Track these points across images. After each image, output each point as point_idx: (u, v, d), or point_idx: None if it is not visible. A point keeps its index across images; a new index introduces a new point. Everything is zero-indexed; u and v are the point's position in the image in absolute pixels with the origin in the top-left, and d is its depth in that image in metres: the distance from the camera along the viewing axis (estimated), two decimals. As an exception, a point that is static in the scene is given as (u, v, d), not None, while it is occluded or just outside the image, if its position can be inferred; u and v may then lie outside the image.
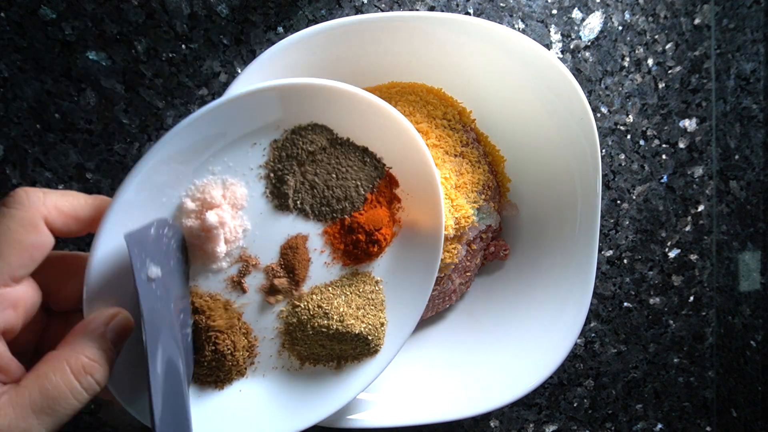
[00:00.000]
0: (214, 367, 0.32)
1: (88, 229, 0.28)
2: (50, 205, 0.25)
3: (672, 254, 0.48)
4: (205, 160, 0.31)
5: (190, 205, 0.30)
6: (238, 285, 0.33)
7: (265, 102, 0.30)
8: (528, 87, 0.38)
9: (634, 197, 0.47)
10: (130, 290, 0.27)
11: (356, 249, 0.34)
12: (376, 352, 0.35)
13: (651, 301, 0.48)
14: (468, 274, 0.42)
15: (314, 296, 0.34)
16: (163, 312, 0.27)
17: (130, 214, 0.28)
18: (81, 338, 0.25)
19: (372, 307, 0.34)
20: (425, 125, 0.39)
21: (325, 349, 0.34)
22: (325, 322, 0.33)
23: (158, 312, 0.26)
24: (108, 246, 0.27)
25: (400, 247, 0.36)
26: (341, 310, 0.33)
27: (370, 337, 0.33)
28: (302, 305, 0.33)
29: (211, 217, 0.30)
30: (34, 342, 0.29)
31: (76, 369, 0.24)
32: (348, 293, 0.34)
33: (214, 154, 0.31)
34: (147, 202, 0.29)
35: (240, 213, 0.32)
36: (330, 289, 0.34)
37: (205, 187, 0.30)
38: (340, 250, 0.34)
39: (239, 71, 0.39)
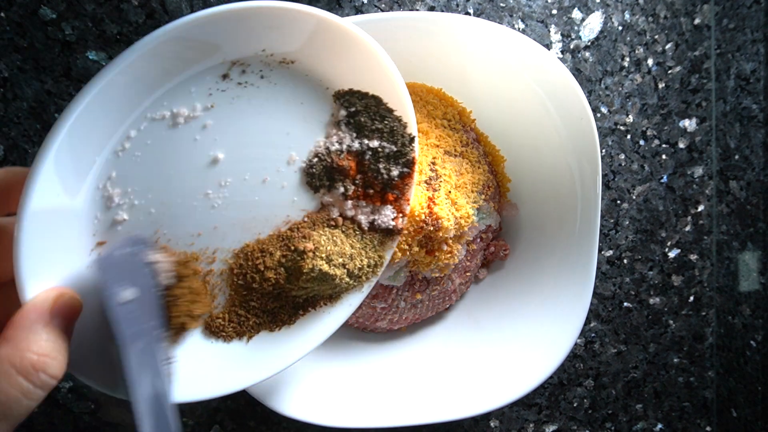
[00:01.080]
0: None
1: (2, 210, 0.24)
2: None
3: (672, 254, 0.48)
4: (145, 107, 0.28)
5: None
6: None
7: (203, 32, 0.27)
8: (528, 87, 0.38)
9: (634, 197, 0.47)
10: (73, 263, 0.26)
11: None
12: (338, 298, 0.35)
13: (651, 301, 0.48)
14: (468, 274, 0.42)
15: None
16: (145, 331, 0.26)
17: (61, 175, 0.25)
18: (23, 332, 0.22)
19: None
20: (425, 125, 0.39)
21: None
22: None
23: (139, 332, 0.26)
24: (38, 215, 0.24)
25: None
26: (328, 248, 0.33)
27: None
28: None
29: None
30: None
31: (23, 369, 0.21)
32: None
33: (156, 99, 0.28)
34: (80, 158, 0.26)
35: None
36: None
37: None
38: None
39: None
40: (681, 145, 0.47)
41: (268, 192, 0.32)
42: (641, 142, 0.47)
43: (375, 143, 0.33)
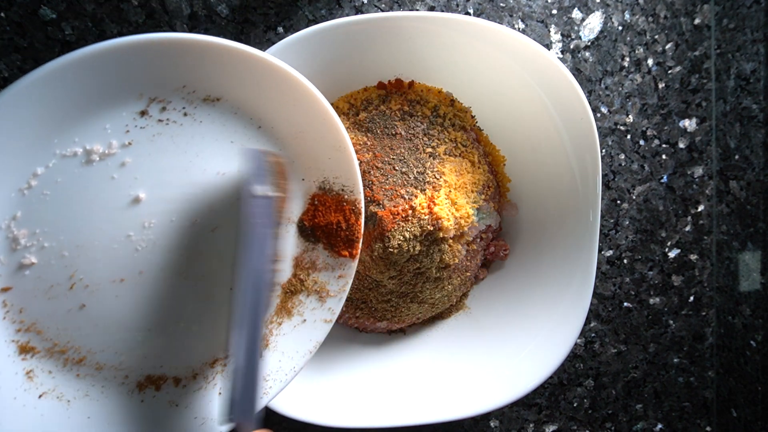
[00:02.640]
0: None
1: None
2: None
3: (672, 254, 0.48)
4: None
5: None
6: None
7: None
8: (528, 87, 0.38)
9: (634, 197, 0.47)
10: None
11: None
12: None
13: (651, 301, 0.48)
14: (468, 274, 0.42)
15: None
16: (258, 232, 0.27)
17: None
18: None
19: None
20: (425, 125, 0.39)
21: None
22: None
23: (254, 227, 0.27)
24: None
25: None
26: None
27: None
28: None
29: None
30: None
31: None
32: None
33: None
34: None
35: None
36: None
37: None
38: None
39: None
40: (681, 145, 0.47)
41: (198, 235, 0.30)
42: (641, 142, 0.47)
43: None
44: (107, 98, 0.27)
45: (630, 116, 0.46)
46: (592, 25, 0.44)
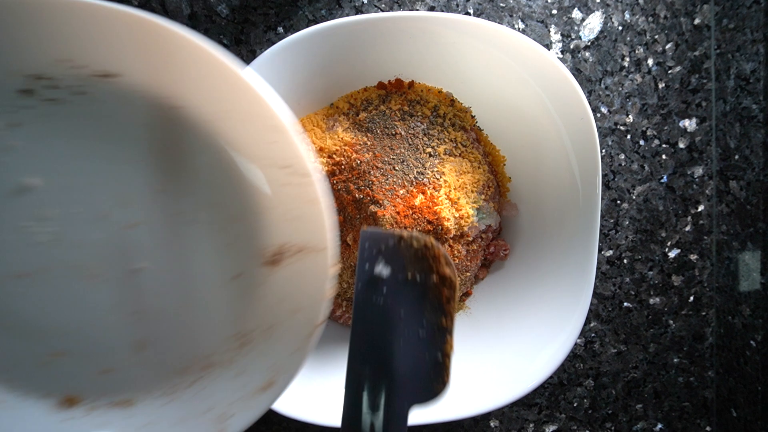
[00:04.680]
0: None
1: None
2: None
3: (672, 254, 0.48)
4: None
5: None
6: None
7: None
8: (528, 87, 0.38)
9: (634, 197, 0.47)
10: None
11: None
12: None
13: (651, 301, 0.48)
14: (468, 274, 0.42)
15: None
16: (385, 316, 0.25)
17: None
18: None
19: None
20: (425, 125, 0.39)
21: None
22: None
23: (375, 311, 0.24)
24: None
25: None
26: None
27: None
28: None
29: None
30: None
31: None
32: None
33: None
34: None
35: None
36: None
37: None
38: None
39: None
40: (681, 145, 0.47)
41: (113, 231, 0.26)
42: (641, 142, 0.47)
43: None
44: None
45: (630, 116, 0.46)
46: (592, 25, 0.44)
